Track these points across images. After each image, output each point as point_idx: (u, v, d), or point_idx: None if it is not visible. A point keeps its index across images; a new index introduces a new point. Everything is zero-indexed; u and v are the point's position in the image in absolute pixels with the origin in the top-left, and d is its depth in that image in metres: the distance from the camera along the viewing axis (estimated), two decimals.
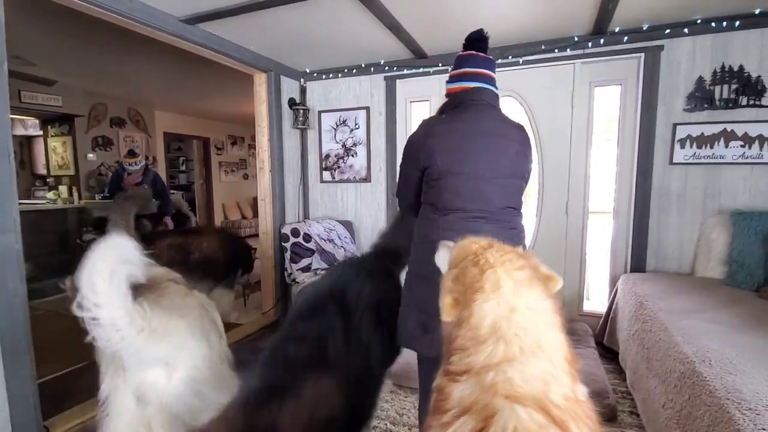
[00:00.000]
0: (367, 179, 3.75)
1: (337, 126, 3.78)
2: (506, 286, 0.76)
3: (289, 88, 3.74)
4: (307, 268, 3.44)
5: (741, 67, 2.66)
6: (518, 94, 3.20)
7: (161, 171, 7.10)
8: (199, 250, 3.35)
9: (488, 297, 0.75)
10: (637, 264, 2.96)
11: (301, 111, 3.69)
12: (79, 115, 5.71)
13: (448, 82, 1.56)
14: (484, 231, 1.29)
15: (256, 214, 8.73)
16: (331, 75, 3.73)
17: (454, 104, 1.51)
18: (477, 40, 1.54)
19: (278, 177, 3.64)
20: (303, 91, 3.86)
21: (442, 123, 1.48)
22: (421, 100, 3.53)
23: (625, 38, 2.84)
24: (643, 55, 2.84)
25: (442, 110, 1.58)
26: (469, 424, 0.63)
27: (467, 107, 1.47)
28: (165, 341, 1.32)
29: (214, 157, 8.53)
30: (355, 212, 3.85)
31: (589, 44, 2.92)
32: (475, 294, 0.77)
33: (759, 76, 2.62)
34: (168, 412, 1.36)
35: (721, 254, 2.63)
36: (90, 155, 5.90)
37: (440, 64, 3.32)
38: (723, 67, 2.70)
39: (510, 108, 3.27)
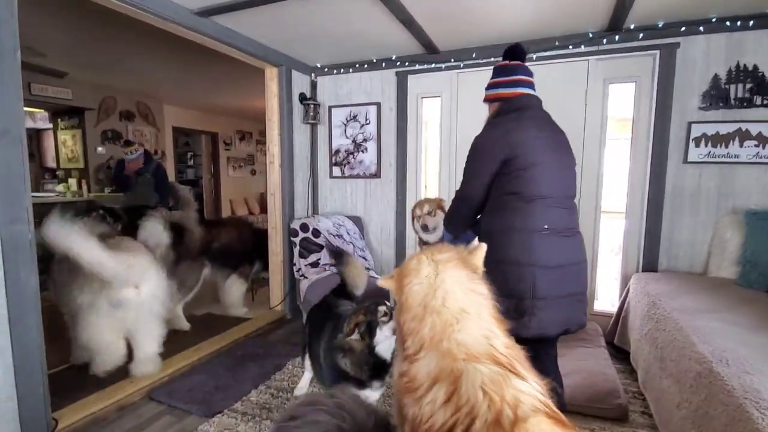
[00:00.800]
0: (377, 175, 3.74)
1: (347, 121, 3.78)
2: (428, 268, 0.92)
3: (300, 82, 3.73)
4: (315, 264, 3.44)
5: (755, 67, 2.63)
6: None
7: (169, 165, 7.13)
8: (218, 239, 3.50)
9: (414, 280, 0.91)
10: (649, 263, 2.94)
11: (312, 106, 3.69)
12: (89, 108, 5.73)
13: (499, 86, 1.74)
14: (563, 216, 1.62)
15: (263, 210, 8.77)
16: (342, 70, 3.72)
17: (516, 107, 1.67)
18: (520, 52, 1.77)
19: (288, 172, 3.64)
20: (314, 86, 3.85)
21: (516, 121, 1.63)
22: (433, 96, 3.52)
23: (641, 35, 2.81)
24: (658, 52, 2.81)
25: (500, 112, 1.71)
26: (442, 390, 0.73)
27: (529, 109, 1.68)
28: (136, 271, 2.40)
29: (222, 152, 8.55)
30: (365, 208, 3.85)
31: (604, 41, 2.89)
32: (404, 279, 0.93)
33: None
34: (138, 314, 2.44)
35: (734, 254, 2.60)
36: (99, 149, 5.93)
37: (452, 60, 3.30)
38: (738, 66, 2.66)
39: None
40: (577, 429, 0.72)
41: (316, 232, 3.48)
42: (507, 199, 1.61)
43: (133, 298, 2.38)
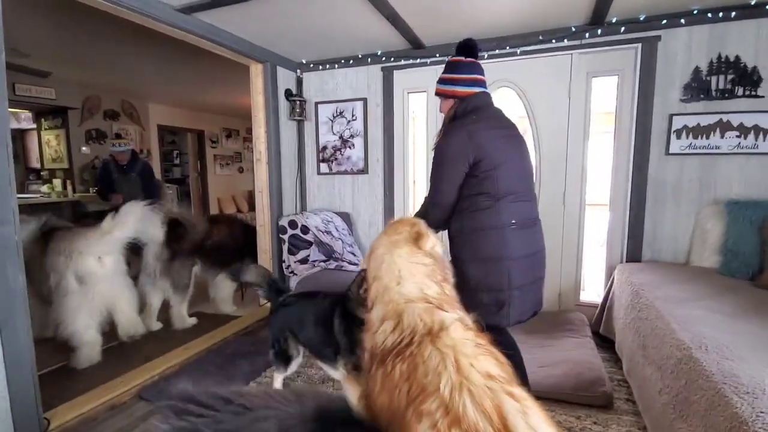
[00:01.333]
0: (364, 171, 3.74)
1: (334, 117, 3.76)
2: (383, 246, 1.25)
3: (286, 79, 3.71)
4: (305, 260, 3.44)
5: (737, 58, 2.67)
6: (516, 85, 3.20)
7: (155, 164, 7.05)
8: (209, 237, 3.51)
9: (373, 253, 1.26)
10: (633, 254, 2.99)
11: (298, 102, 3.67)
12: (73, 108, 5.64)
13: (456, 84, 1.74)
14: (527, 208, 1.73)
15: (251, 208, 8.72)
16: (327, 66, 3.70)
17: (473, 107, 1.72)
18: (473, 47, 1.79)
19: (275, 169, 3.62)
20: (299, 82, 3.83)
21: (476, 122, 1.67)
22: (419, 91, 3.52)
23: (623, 28, 2.84)
24: (640, 45, 2.84)
25: (458, 114, 1.74)
26: (390, 323, 1.04)
27: (486, 108, 1.74)
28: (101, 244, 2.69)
29: (208, 150, 8.47)
30: (353, 204, 3.85)
31: (587, 34, 2.92)
32: (370, 255, 1.28)
33: (755, 67, 2.63)
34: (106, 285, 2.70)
35: (716, 244, 2.66)
36: (84, 148, 5.84)
37: (437, 55, 3.30)
38: (719, 57, 2.71)
39: (508, 98, 3.27)
40: (483, 336, 0.98)
41: (305, 229, 3.48)
42: (477, 199, 1.67)
43: (97, 270, 2.64)
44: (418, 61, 3.39)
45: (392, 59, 3.48)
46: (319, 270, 3.33)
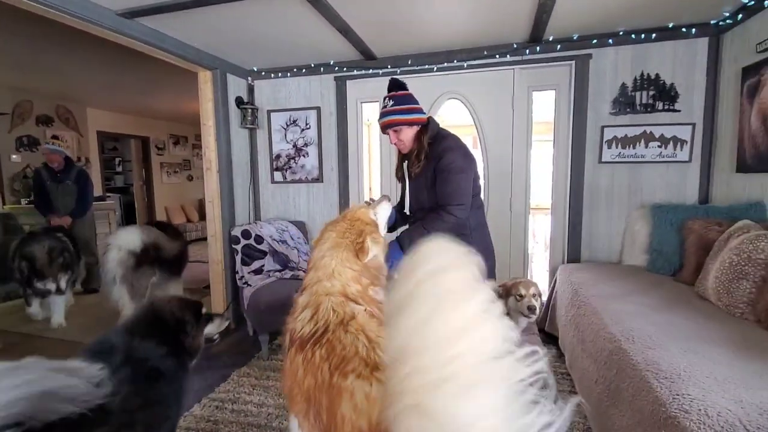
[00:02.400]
0: (319, 179, 3.74)
1: (287, 126, 3.75)
2: (330, 242, 1.42)
3: (236, 86, 3.65)
4: (259, 270, 3.38)
5: (657, 75, 2.96)
6: (463, 97, 3.35)
7: (95, 172, 6.64)
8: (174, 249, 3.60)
9: (320, 245, 1.45)
10: (573, 255, 3.21)
11: (250, 110, 3.62)
12: (2, 113, 5.21)
13: (415, 112, 1.97)
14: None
15: (202, 218, 8.41)
16: (279, 74, 3.69)
17: (439, 126, 2.03)
18: (403, 84, 2.04)
19: (226, 178, 3.54)
20: (251, 89, 3.78)
21: (455, 138, 2.00)
22: (372, 101, 3.59)
23: (558, 46, 3.06)
24: (574, 62, 3.07)
25: (437, 135, 1.98)
26: (309, 311, 1.23)
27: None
28: None
29: (154, 157, 8.09)
30: (308, 213, 3.83)
31: (527, 51, 3.12)
32: (319, 241, 1.48)
33: (672, 83, 2.93)
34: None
35: (644, 244, 2.91)
36: (14, 156, 5.40)
37: (389, 66, 3.39)
38: (642, 74, 2.99)
39: (456, 110, 3.42)
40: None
41: (259, 239, 3.42)
42: (476, 200, 2.04)
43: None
44: (370, 71, 3.46)
45: (345, 69, 3.53)
46: (274, 280, 3.29)
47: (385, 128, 2.00)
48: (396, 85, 2.01)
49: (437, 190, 1.92)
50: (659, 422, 1.26)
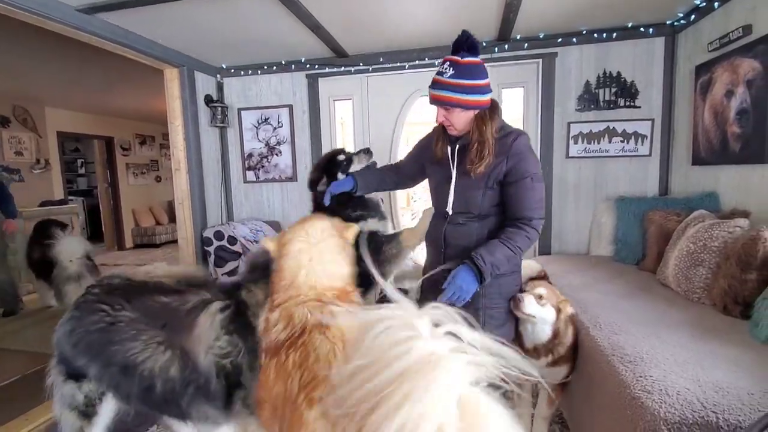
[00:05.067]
0: (293, 178, 3.71)
1: (259, 124, 3.69)
2: (299, 246, 1.29)
3: (205, 84, 3.57)
4: (233, 273, 3.33)
5: (619, 73, 3.08)
6: None
7: (55, 174, 6.35)
8: None
9: (289, 252, 1.29)
10: (544, 247, 3.31)
11: (219, 108, 3.55)
12: None
13: (483, 92, 1.51)
14: None
15: (172, 220, 8.17)
16: (250, 71, 3.63)
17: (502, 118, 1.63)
18: (476, 45, 1.55)
19: (197, 178, 3.46)
20: (220, 87, 3.71)
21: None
22: (344, 98, 3.58)
23: (525, 45, 3.15)
24: (540, 60, 3.16)
25: (503, 125, 1.60)
26: (281, 324, 1.16)
27: None
28: None
29: (119, 158, 7.80)
30: (282, 212, 3.80)
31: (495, 49, 3.18)
32: (282, 248, 1.32)
33: (633, 81, 3.06)
34: None
35: (609, 235, 3.04)
36: None
37: (361, 64, 3.39)
38: (605, 72, 3.10)
39: (428, 107, 3.45)
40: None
41: (232, 240, 3.37)
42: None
43: None
44: (342, 69, 3.46)
45: (316, 67, 3.51)
46: None
47: (432, 102, 1.56)
48: (465, 46, 1.51)
49: (514, 198, 1.55)
50: (624, 403, 1.32)
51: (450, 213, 1.65)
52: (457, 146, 1.60)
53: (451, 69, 1.47)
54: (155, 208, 8.45)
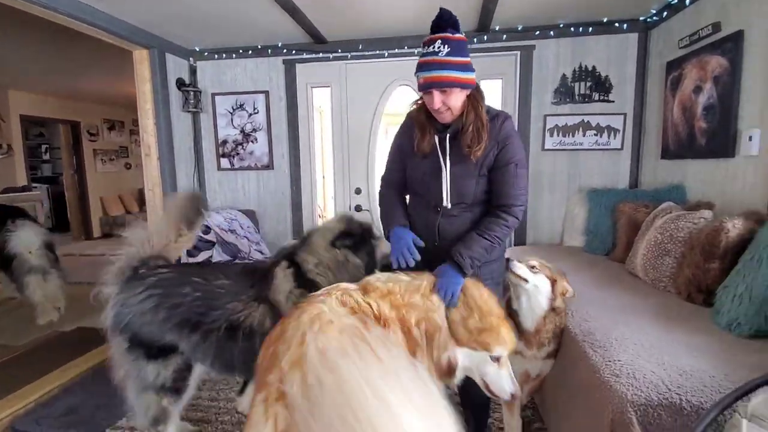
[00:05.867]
0: (269, 166, 3.64)
1: (233, 110, 3.59)
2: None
3: (177, 67, 3.44)
4: (207, 262, 3.25)
5: (594, 68, 3.14)
6: (415, 84, 3.37)
7: (18, 160, 6.04)
8: None
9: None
10: (520, 238, 3.36)
11: (192, 93, 3.43)
12: None
13: (472, 69, 1.46)
14: None
15: (143, 208, 7.91)
16: (224, 55, 3.51)
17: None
18: (457, 21, 1.47)
19: (168, 164, 3.35)
20: (193, 71, 3.58)
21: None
22: (322, 85, 3.52)
23: (504, 36, 3.16)
24: (519, 53, 3.18)
25: (489, 108, 1.56)
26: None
27: None
28: None
29: (86, 143, 7.47)
30: (258, 201, 3.72)
31: (475, 40, 3.18)
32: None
33: (607, 75, 3.12)
34: None
35: (581, 226, 3.11)
36: None
37: (339, 50, 3.34)
38: (581, 66, 3.15)
39: (408, 96, 3.43)
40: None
41: (206, 229, 3.27)
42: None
43: None
44: (320, 55, 3.39)
45: (294, 52, 3.42)
46: None
47: (429, 86, 1.42)
48: (451, 22, 1.43)
49: (498, 185, 1.53)
50: (594, 387, 1.36)
51: (446, 206, 1.57)
52: (448, 134, 1.53)
53: (446, 47, 1.39)
54: (125, 196, 8.17)
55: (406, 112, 1.71)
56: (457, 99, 1.45)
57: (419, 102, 1.62)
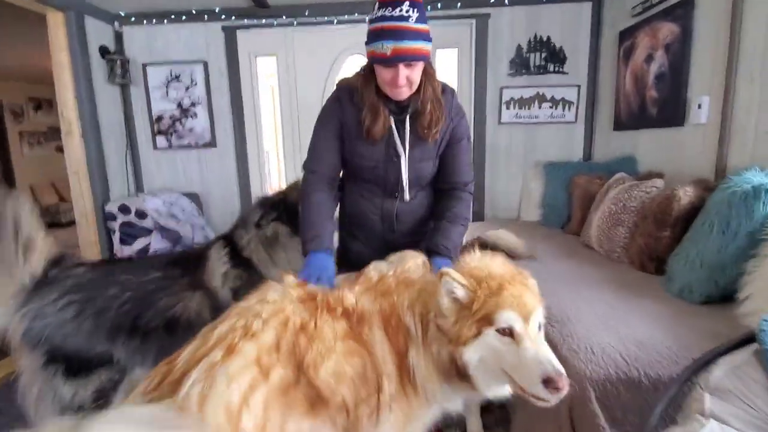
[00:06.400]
0: (212, 144, 3.36)
1: (168, 82, 3.26)
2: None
3: (99, 33, 3.05)
4: (144, 251, 2.97)
5: (548, 38, 3.07)
6: None
7: None
8: None
9: None
10: (478, 214, 3.31)
11: (118, 62, 3.07)
12: None
13: (431, 39, 1.26)
14: None
15: None
16: (154, 20, 3.15)
17: None
18: None
19: (94, 143, 3.00)
20: (119, 37, 3.19)
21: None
22: (267, 54, 3.26)
23: (459, 4, 3.02)
24: (474, 21, 3.06)
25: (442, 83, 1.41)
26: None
27: None
28: None
29: (10, 125, 6.75)
30: (202, 182, 3.44)
31: (428, 7, 3.02)
32: None
33: (561, 47, 3.07)
34: None
35: (538, 200, 3.09)
36: None
37: (284, 16, 3.08)
38: (535, 36, 3.08)
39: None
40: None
41: (142, 214, 2.99)
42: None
43: None
44: (263, 21, 3.11)
45: (233, 18, 3.12)
46: None
47: (397, 59, 1.18)
48: None
49: (452, 161, 1.43)
50: None
51: (405, 191, 1.41)
52: (408, 116, 1.34)
53: (415, 11, 1.19)
54: (58, 182, 7.47)
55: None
56: (419, 73, 1.27)
57: (362, 75, 1.36)
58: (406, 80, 1.24)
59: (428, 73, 1.31)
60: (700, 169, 2.02)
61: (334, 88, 1.45)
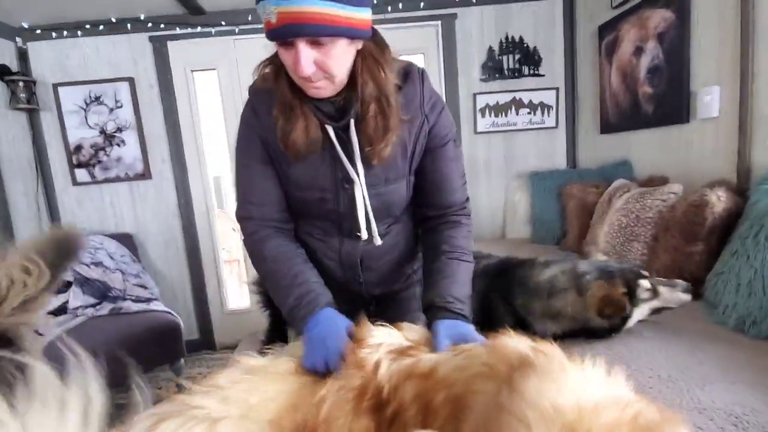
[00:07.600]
0: (145, 175, 2.84)
1: (87, 105, 2.74)
2: None
3: None
4: (62, 310, 2.40)
5: (521, 38, 2.82)
6: None
7: None
8: None
9: None
10: None
11: (22, 84, 2.53)
12: None
13: (368, 5, 0.83)
14: None
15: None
16: (65, 33, 2.64)
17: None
18: None
19: None
20: (23, 55, 2.66)
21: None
22: (206, 69, 2.82)
23: (422, 4, 2.73)
24: (440, 23, 2.78)
25: (402, 66, 0.97)
26: None
27: None
28: None
29: None
30: (136, 220, 2.91)
31: (389, 8, 2.71)
32: None
33: (535, 47, 2.82)
34: None
35: (525, 215, 2.79)
36: None
37: (223, 23, 2.66)
38: (507, 37, 2.82)
39: None
40: None
41: None
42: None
43: None
44: (198, 30, 2.68)
45: (162, 27, 2.67)
46: (85, 319, 2.37)
47: (287, 31, 0.75)
48: None
49: (438, 175, 1.01)
50: None
51: (372, 229, 1.00)
52: (351, 120, 0.91)
53: None
54: None
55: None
56: (341, 59, 0.83)
57: (267, 66, 0.95)
58: (315, 67, 0.80)
59: (368, 57, 0.88)
60: (717, 170, 1.75)
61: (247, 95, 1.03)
